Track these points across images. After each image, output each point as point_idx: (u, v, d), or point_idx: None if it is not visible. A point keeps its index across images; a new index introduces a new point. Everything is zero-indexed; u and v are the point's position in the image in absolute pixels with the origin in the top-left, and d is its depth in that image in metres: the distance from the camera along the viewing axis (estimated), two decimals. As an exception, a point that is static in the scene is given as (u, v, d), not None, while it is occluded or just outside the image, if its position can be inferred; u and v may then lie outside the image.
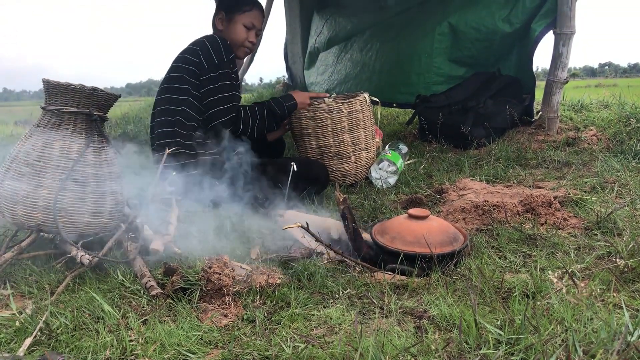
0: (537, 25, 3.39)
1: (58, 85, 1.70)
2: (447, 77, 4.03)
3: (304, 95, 2.78)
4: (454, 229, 1.73)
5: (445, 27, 3.90)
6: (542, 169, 2.79)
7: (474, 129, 3.32)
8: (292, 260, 1.72)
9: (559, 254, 1.66)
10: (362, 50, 4.72)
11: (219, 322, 1.34)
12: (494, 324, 1.21)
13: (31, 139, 1.71)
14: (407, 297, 1.45)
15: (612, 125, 3.34)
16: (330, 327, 1.30)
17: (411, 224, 1.69)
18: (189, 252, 1.81)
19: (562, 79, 3.24)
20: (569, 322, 1.19)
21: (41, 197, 1.66)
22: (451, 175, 2.77)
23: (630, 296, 1.36)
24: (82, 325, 1.32)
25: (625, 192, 2.28)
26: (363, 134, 2.81)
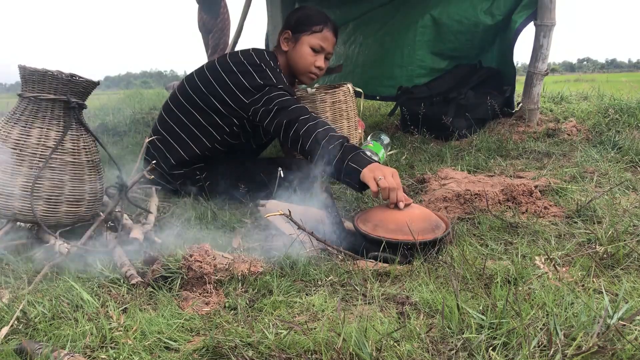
0: (518, 17, 3.41)
1: (35, 72, 1.67)
2: (429, 69, 4.04)
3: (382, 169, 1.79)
4: (436, 217, 1.73)
5: (428, 19, 3.90)
6: (522, 160, 2.81)
7: (456, 120, 3.34)
8: (274, 248, 1.71)
9: (540, 241, 1.68)
10: (345, 42, 4.71)
11: (201, 310, 1.33)
12: (476, 309, 1.21)
13: (7, 126, 1.68)
14: (390, 284, 1.45)
15: (592, 116, 3.38)
16: (313, 313, 1.29)
17: (393, 212, 1.69)
18: (169, 241, 1.80)
19: (542, 70, 3.26)
20: (550, 306, 1.20)
21: (18, 185, 1.63)
22: (433, 165, 2.78)
23: (609, 281, 1.37)
24: (60, 314, 1.30)
25: (604, 181, 2.30)
26: (346, 124, 2.80)
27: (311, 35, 2.42)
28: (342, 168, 1.85)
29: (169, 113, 2.42)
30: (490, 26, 3.61)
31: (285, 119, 2.07)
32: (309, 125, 2.00)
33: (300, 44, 2.43)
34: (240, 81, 2.25)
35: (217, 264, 1.47)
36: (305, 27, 2.43)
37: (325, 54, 2.48)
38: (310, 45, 2.42)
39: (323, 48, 2.44)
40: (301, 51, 2.43)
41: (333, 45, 2.51)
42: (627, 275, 1.39)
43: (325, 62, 2.51)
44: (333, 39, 2.49)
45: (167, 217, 2.10)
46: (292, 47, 2.45)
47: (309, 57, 2.43)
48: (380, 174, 1.73)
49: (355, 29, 4.64)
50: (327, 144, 1.93)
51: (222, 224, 2.01)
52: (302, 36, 2.43)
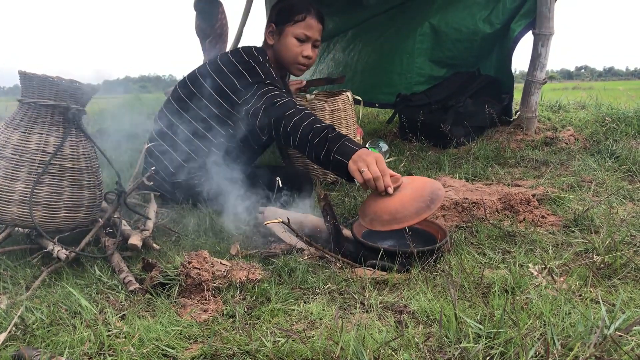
0: (516, 26, 3.42)
1: (35, 77, 1.67)
2: (428, 77, 4.05)
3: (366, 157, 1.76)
4: (430, 189, 1.68)
5: (427, 27, 3.92)
6: (520, 168, 2.82)
7: (454, 127, 3.35)
8: (273, 256, 1.71)
9: (538, 251, 1.68)
10: (345, 50, 4.72)
11: (199, 317, 1.33)
12: (473, 318, 1.22)
13: (6, 132, 1.68)
14: (388, 293, 1.45)
15: (589, 125, 3.39)
16: (311, 322, 1.29)
17: (385, 201, 1.66)
18: (167, 248, 1.80)
19: (540, 79, 3.28)
20: (548, 316, 1.20)
21: (17, 191, 1.63)
22: (431, 173, 2.79)
23: (606, 291, 1.38)
24: (58, 320, 1.30)
25: (601, 190, 2.31)
26: (345, 132, 2.81)
27: (294, 25, 2.37)
28: (329, 161, 1.85)
29: (164, 120, 2.41)
30: (489, 34, 3.62)
31: (273, 117, 2.05)
32: (295, 120, 1.98)
33: (285, 36, 2.39)
34: (230, 80, 2.25)
35: (215, 271, 1.47)
36: (287, 17, 2.38)
37: (312, 42, 2.42)
38: (295, 36, 2.38)
39: (308, 37, 2.39)
40: (286, 43, 2.39)
41: (320, 32, 2.45)
42: (624, 286, 1.40)
43: (314, 50, 2.45)
44: (318, 25, 2.42)
45: (166, 223, 2.10)
46: (277, 39, 2.42)
47: (294, 47, 2.39)
48: (364, 165, 1.71)
49: (355, 36, 4.65)
50: (313, 137, 1.91)
51: (220, 230, 2.01)
52: (286, 27, 2.38)
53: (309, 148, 1.93)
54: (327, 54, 4.95)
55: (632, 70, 49.72)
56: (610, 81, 24.73)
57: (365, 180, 1.70)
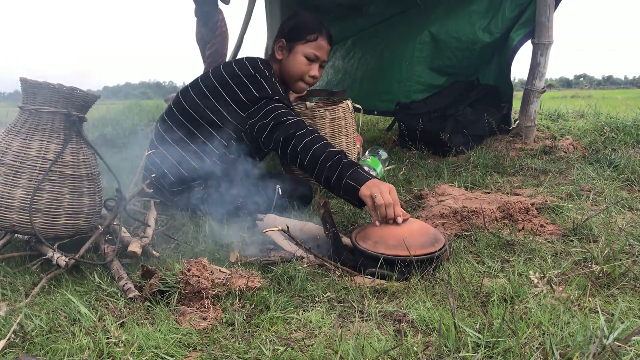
0: (515, 35, 3.44)
1: (36, 85, 1.68)
2: (427, 85, 4.06)
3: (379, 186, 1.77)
4: (434, 230, 1.74)
5: (426, 36, 3.94)
6: (519, 177, 2.83)
7: (453, 136, 3.36)
8: (272, 264, 1.71)
9: (537, 260, 1.69)
10: (345, 58, 4.74)
11: (198, 325, 1.33)
12: (472, 327, 1.22)
13: (7, 139, 1.68)
14: (387, 301, 1.45)
15: (588, 134, 3.40)
16: (310, 330, 1.29)
17: (392, 227, 1.69)
18: (167, 255, 1.80)
19: (539, 88, 3.29)
20: (546, 325, 1.20)
21: (17, 197, 1.64)
22: (430, 181, 2.80)
23: (605, 301, 1.38)
24: (57, 327, 1.30)
25: (600, 199, 2.32)
26: (345, 140, 2.81)
27: (306, 44, 2.40)
28: (341, 185, 1.86)
29: (165, 128, 2.41)
30: (488, 43, 3.64)
31: (282, 135, 2.07)
32: (305, 141, 2.01)
33: (295, 53, 2.41)
34: (236, 94, 2.25)
35: (214, 279, 1.47)
36: (299, 35, 2.40)
37: (320, 63, 2.46)
38: (305, 55, 2.40)
39: (317, 57, 2.42)
40: (295, 60, 2.41)
41: (327, 53, 2.48)
42: (623, 295, 1.40)
43: (320, 70, 2.48)
44: (327, 47, 2.46)
45: (165, 230, 2.10)
46: (287, 55, 2.43)
47: (302, 66, 2.41)
48: (377, 191, 1.74)
49: (355, 44, 4.67)
50: (324, 161, 1.94)
51: (219, 238, 2.01)
52: (297, 45, 2.40)
53: (318, 170, 1.95)
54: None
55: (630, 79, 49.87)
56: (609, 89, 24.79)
57: (377, 205, 1.72)
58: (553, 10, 3.16)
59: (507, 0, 3.54)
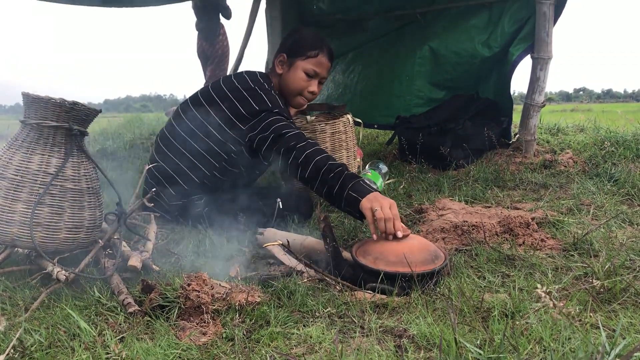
0: (515, 49, 3.46)
1: (38, 99, 1.68)
2: (427, 99, 4.08)
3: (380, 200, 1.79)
4: (435, 247, 1.74)
5: (426, 50, 3.97)
6: (519, 191, 2.83)
7: (453, 150, 3.36)
8: (272, 278, 1.71)
9: (537, 274, 1.68)
10: (345, 72, 4.76)
11: (198, 340, 1.33)
12: (473, 343, 1.21)
13: (8, 153, 1.69)
14: (387, 316, 1.45)
15: (588, 148, 3.41)
16: (310, 345, 1.29)
17: (392, 243, 1.69)
18: (167, 269, 1.79)
19: (539, 102, 3.30)
20: (548, 341, 1.20)
21: (17, 211, 1.64)
22: (430, 195, 2.80)
23: (606, 316, 1.38)
24: (57, 342, 1.30)
25: (600, 214, 2.32)
26: (345, 154, 2.82)
27: (306, 60, 2.40)
28: (342, 197, 1.87)
29: (166, 142, 2.41)
30: (488, 58, 3.66)
31: (282, 147, 2.08)
32: (307, 153, 2.02)
33: (295, 68, 2.41)
34: (236, 107, 2.25)
35: (214, 294, 1.47)
36: (300, 51, 2.41)
37: (320, 79, 2.46)
38: (305, 70, 2.40)
39: (317, 73, 2.42)
40: (295, 75, 2.41)
41: (328, 70, 2.49)
42: (624, 311, 1.40)
43: (319, 86, 2.49)
44: (328, 63, 2.46)
45: (166, 244, 2.10)
46: (287, 70, 2.44)
47: (302, 82, 2.42)
48: (377, 205, 1.74)
49: (355, 58, 4.69)
50: (326, 173, 1.94)
51: (220, 252, 2.01)
52: (297, 60, 2.41)
53: (320, 182, 1.96)
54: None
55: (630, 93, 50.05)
56: (608, 103, 24.86)
57: (376, 219, 1.73)
58: (552, 25, 3.18)
59: (506, 15, 3.57)
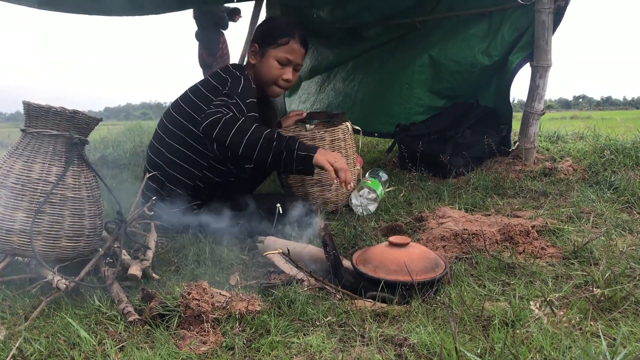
0: (514, 58, 3.47)
1: (39, 108, 1.69)
2: (427, 107, 4.09)
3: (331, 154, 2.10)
4: (435, 255, 1.74)
5: (426, 59, 3.98)
6: (519, 199, 2.83)
7: (453, 158, 3.37)
8: (272, 287, 1.71)
9: (537, 283, 1.68)
10: (345, 80, 4.78)
11: (198, 349, 1.33)
12: (474, 352, 1.21)
13: (9, 161, 1.69)
14: (388, 325, 1.45)
15: (587, 156, 3.41)
16: (311, 354, 1.29)
17: (393, 251, 1.69)
18: (167, 278, 1.79)
19: (538, 110, 3.31)
20: (548, 350, 1.20)
21: (18, 220, 1.64)
22: (430, 203, 2.80)
23: (607, 325, 1.37)
24: (57, 351, 1.30)
25: (600, 222, 2.31)
26: (345, 161, 2.82)
27: (277, 48, 2.39)
28: (293, 159, 2.03)
29: (155, 152, 2.43)
30: (487, 66, 3.67)
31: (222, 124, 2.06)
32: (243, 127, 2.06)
33: (267, 58, 2.40)
34: (206, 96, 2.29)
35: (214, 302, 1.47)
36: (271, 39, 2.40)
37: (294, 66, 2.45)
38: (277, 59, 2.39)
39: (290, 60, 2.41)
40: (268, 64, 2.40)
41: (302, 56, 2.48)
42: (625, 319, 1.40)
43: (294, 73, 2.47)
44: (301, 49, 2.44)
45: (166, 253, 2.10)
46: (259, 60, 2.43)
47: (275, 70, 2.41)
48: (332, 158, 2.00)
49: (355, 67, 4.71)
50: (267, 141, 2.04)
51: (220, 260, 2.01)
52: (269, 49, 2.40)
53: (262, 150, 2.05)
54: (328, 84, 5.00)
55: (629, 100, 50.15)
56: (607, 110, 24.91)
57: (336, 170, 1.99)
58: (551, 33, 3.19)
59: (506, 24, 3.58)
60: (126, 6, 3.80)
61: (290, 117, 2.98)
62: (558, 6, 3.16)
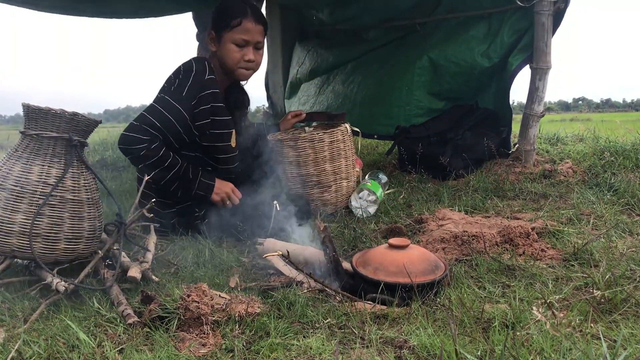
0: (514, 60, 3.47)
1: (38, 110, 1.69)
2: (427, 109, 4.09)
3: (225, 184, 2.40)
4: (435, 257, 1.74)
5: (426, 61, 3.98)
6: (519, 201, 2.82)
7: (453, 160, 3.36)
8: (272, 289, 1.70)
9: (537, 285, 1.68)
10: (345, 82, 4.78)
11: (197, 351, 1.32)
12: (474, 354, 1.21)
13: (8, 164, 1.69)
14: (388, 327, 1.45)
15: (587, 158, 3.41)
16: (310, 357, 1.28)
17: (392, 253, 1.69)
18: (167, 280, 1.79)
19: (538, 112, 3.30)
20: (548, 352, 1.19)
21: (17, 222, 1.64)
22: (430, 205, 2.79)
23: (607, 327, 1.37)
24: (56, 354, 1.29)
25: (600, 224, 2.31)
26: (344, 163, 2.82)
27: (231, 31, 2.32)
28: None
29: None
30: (487, 68, 3.67)
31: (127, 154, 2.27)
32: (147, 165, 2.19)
33: (224, 42, 2.35)
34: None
35: (214, 305, 1.47)
36: (223, 23, 2.33)
37: (254, 45, 2.37)
38: (233, 42, 2.33)
39: (247, 41, 2.33)
40: (226, 49, 2.35)
41: (261, 33, 2.39)
42: (625, 321, 1.39)
43: (257, 52, 2.40)
44: (256, 27, 2.35)
45: (165, 255, 2.09)
46: (218, 46, 2.38)
47: (234, 53, 2.34)
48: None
49: (355, 69, 4.71)
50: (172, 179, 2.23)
51: (219, 262, 2.01)
52: (224, 34, 2.34)
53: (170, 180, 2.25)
54: (327, 85, 5.01)
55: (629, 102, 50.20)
56: (607, 112, 24.92)
57: None
58: (551, 35, 3.19)
59: (505, 26, 3.58)
60: (126, 9, 3.81)
61: (288, 120, 2.97)
62: (557, 8, 3.16)
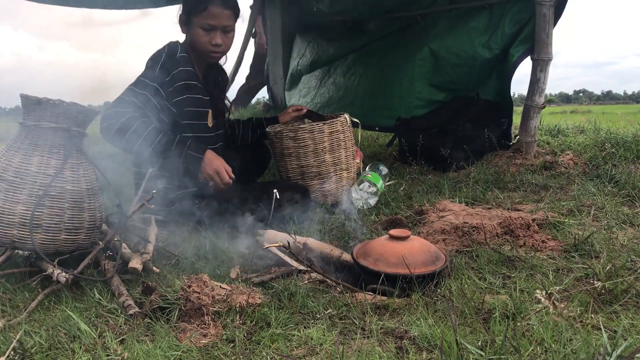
0: (515, 51, 3.46)
1: (36, 100, 1.68)
2: (427, 101, 4.07)
3: (215, 160, 2.29)
4: (435, 248, 1.74)
5: (427, 52, 3.96)
6: (520, 192, 2.82)
7: (453, 151, 3.36)
8: (273, 279, 1.70)
9: (538, 276, 1.68)
10: (345, 74, 4.76)
11: (198, 342, 1.32)
12: (474, 344, 1.21)
13: (8, 155, 1.69)
14: (388, 318, 1.45)
15: (588, 150, 3.41)
16: (311, 347, 1.29)
17: (393, 244, 1.69)
18: (167, 271, 1.79)
19: (539, 103, 3.30)
20: (549, 342, 1.19)
21: (17, 213, 1.64)
22: (431, 196, 2.79)
23: (607, 317, 1.37)
24: (57, 344, 1.29)
25: (601, 215, 2.31)
26: (344, 154, 2.82)
27: (198, 15, 2.35)
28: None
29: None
30: (488, 59, 3.65)
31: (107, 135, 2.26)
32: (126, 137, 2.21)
33: (193, 27, 2.38)
34: None
35: (215, 295, 1.47)
36: (190, 8, 2.37)
37: (221, 29, 2.39)
38: (200, 26, 2.35)
39: (213, 25, 2.35)
40: (195, 34, 2.38)
41: (229, 17, 2.40)
42: (626, 312, 1.39)
43: (225, 36, 2.41)
44: (222, 11, 2.37)
45: (166, 246, 2.09)
46: (188, 30, 2.42)
47: (202, 37, 2.37)
48: None
49: (355, 61, 4.69)
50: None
51: (220, 253, 2.01)
52: (192, 18, 2.37)
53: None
54: (328, 78, 4.99)
55: (630, 94, 50.13)
56: (608, 105, 24.90)
57: None
58: (552, 26, 3.18)
59: (506, 17, 3.56)
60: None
61: (289, 113, 2.97)
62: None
